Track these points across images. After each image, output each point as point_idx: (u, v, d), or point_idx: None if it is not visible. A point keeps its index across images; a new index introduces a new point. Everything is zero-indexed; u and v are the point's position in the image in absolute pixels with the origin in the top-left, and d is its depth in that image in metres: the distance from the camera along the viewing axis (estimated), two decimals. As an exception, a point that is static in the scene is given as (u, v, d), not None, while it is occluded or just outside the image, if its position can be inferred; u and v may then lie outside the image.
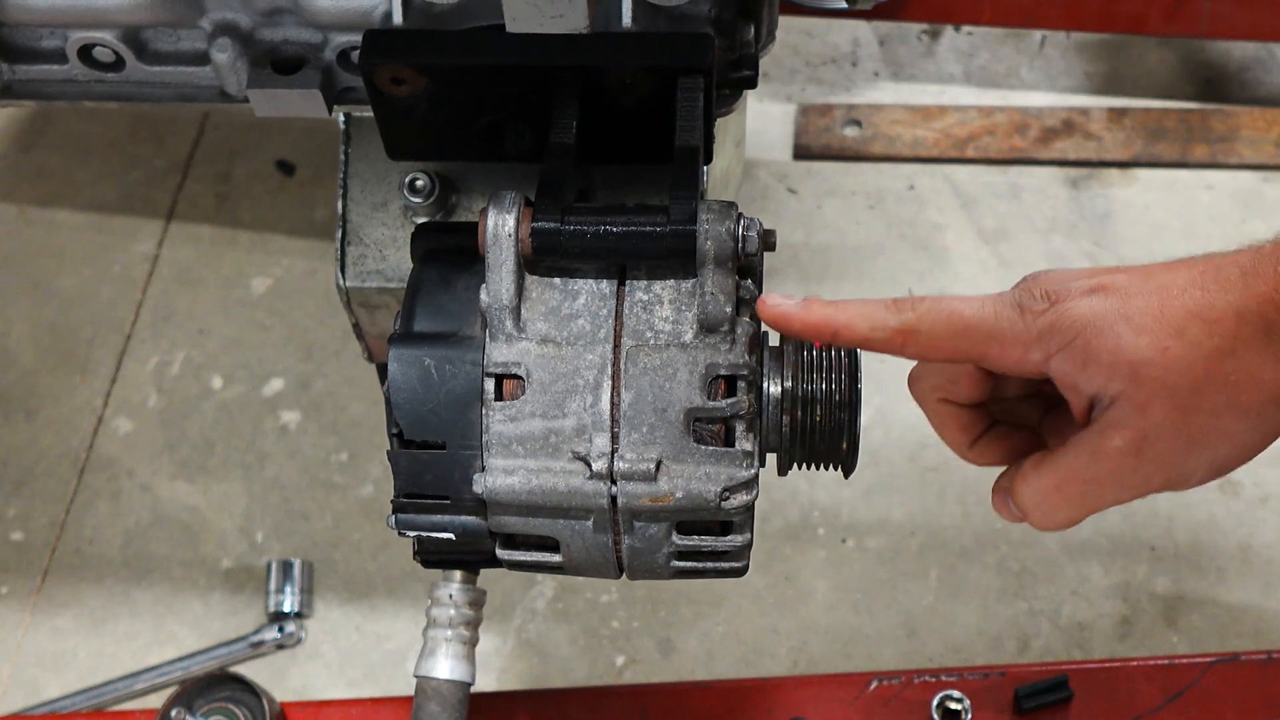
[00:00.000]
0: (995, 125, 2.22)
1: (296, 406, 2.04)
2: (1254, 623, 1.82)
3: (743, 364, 0.93)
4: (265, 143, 2.27)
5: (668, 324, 0.94)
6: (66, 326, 2.13)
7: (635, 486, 0.91)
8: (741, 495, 0.92)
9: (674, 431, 0.91)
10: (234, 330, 2.11)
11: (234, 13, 1.10)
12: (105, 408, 2.05)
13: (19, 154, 2.29)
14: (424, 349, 0.94)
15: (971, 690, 1.43)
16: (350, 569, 1.91)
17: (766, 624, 1.85)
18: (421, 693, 1.22)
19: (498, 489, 0.92)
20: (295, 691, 1.82)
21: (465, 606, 1.20)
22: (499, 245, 0.93)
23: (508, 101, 1.06)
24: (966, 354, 0.94)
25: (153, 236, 2.21)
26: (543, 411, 0.92)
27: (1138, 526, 1.89)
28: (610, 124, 1.05)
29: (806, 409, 0.98)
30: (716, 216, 0.93)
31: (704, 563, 0.97)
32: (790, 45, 2.37)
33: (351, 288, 1.24)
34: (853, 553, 1.89)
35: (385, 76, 1.03)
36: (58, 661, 1.87)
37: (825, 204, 2.18)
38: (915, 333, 0.93)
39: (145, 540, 1.94)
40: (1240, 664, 1.44)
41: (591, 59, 1.02)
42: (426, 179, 1.20)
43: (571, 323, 0.94)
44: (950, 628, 1.83)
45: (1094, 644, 1.81)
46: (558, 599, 1.87)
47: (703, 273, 0.92)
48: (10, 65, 1.15)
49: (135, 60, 1.13)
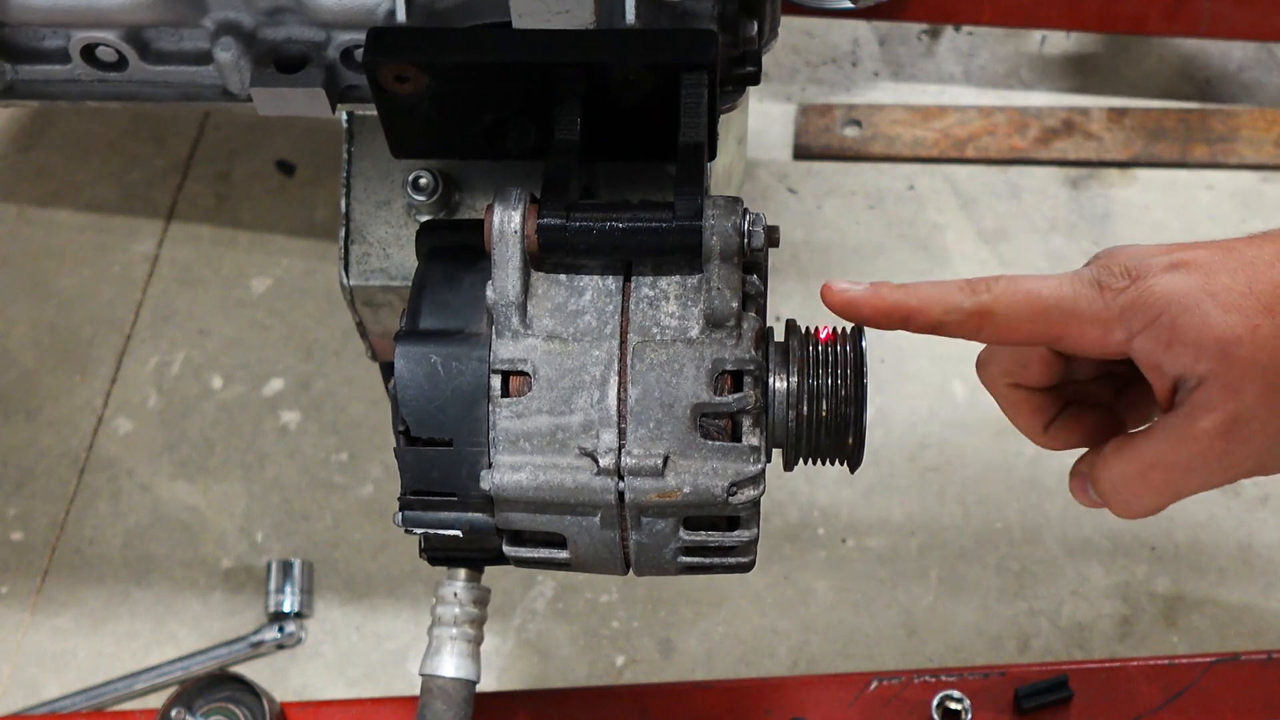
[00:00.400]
0: (995, 125, 2.22)
1: (296, 406, 2.04)
2: (1254, 623, 1.82)
3: (749, 359, 0.93)
4: (265, 143, 2.27)
5: (674, 319, 0.94)
6: (66, 326, 2.12)
7: (642, 482, 0.91)
8: (749, 490, 0.92)
9: (681, 427, 0.92)
10: (234, 330, 2.11)
11: (237, 12, 1.10)
12: (105, 408, 2.05)
13: (19, 154, 2.28)
14: (430, 346, 0.94)
15: (971, 690, 1.43)
16: (350, 569, 1.91)
17: (766, 624, 1.85)
18: (427, 691, 1.22)
19: (505, 485, 0.92)
20: (295, 691, 1.82)
21: (470, 604, 1.20)
22: (505, 242, 0.93)
23: (511, 99, 1.06)
24: (1044, 336, 0.91)
25: (153, 236, 2.20)
26: (549, 408, 0.92)
27: (1138, 526, 1.89)
28: (614, 121, 1.05)
29: (813, 404, 0.98)
30: (722, 212, 0.93)
31: (711, 558, 0.97)
32: (790, 45, 2.37)
33: (355, 286, 1.24)
34: (853, 553, 1.89)
35: (389, 75, 1.03)
36: (58, 661, 1.86)
37: (825, 204, 2.19)
38: (991, 315, 0.90)
39: (145, 540, 1.94)
40: (1240, 664, 1.44)
41: (595, 56, 1.02)
42: (430, 177, 1.20)
43: (578, 319, 0.94)
44: (950, 628, 1.83)
45: (1094, 644, 1.81)
46: (558, 599, 1.87)
47: (708, 268, 0.92)
48: (13, 65, 1.15)
49: (138, 60, 1.13)
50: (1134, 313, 0.88)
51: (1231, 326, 0.85)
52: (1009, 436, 1.06)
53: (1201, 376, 0.87)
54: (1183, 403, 0.88)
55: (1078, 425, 1.00)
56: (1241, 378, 0.86)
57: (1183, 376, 0.88)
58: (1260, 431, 0.88)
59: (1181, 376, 0.88)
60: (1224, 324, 0.85)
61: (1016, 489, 1.93)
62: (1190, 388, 0.88)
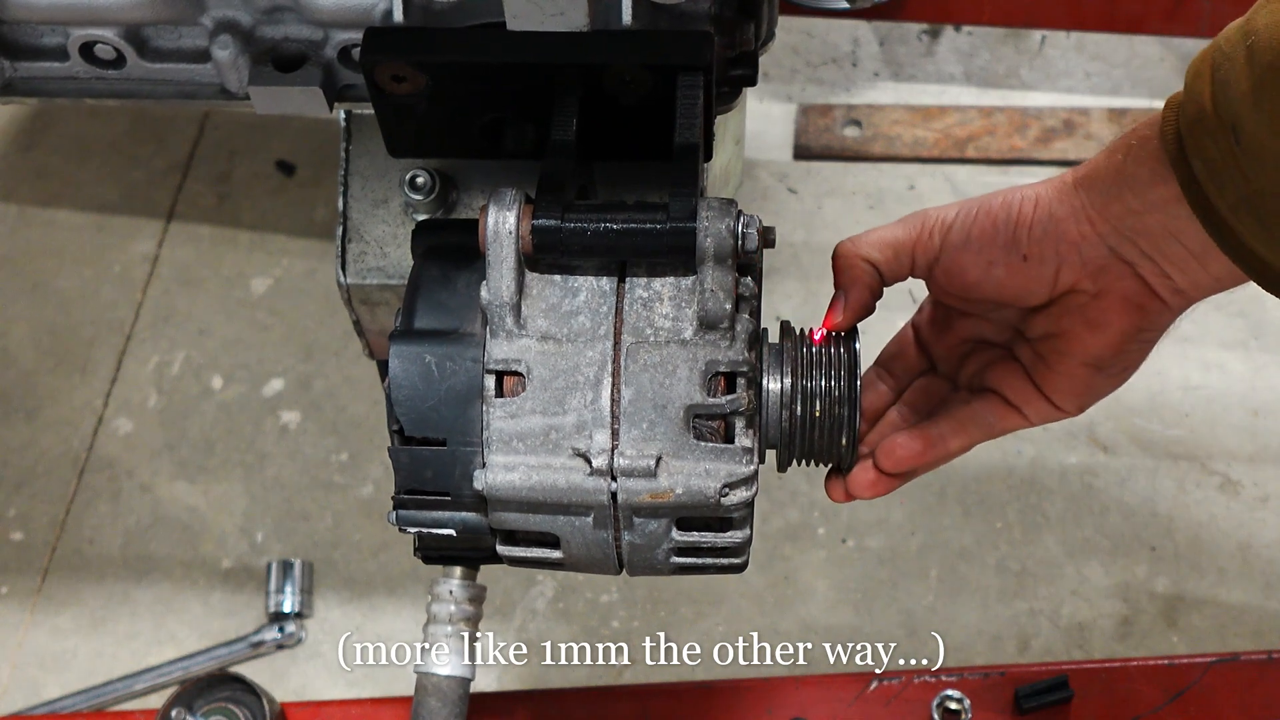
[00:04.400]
0: (995, 125, 2.22)
1: (296, 406, 2.04)
2: (1254, 623, 1.82)
3: (742, 360, 0.93)
4: (265, 143, 2.28)
5: (668, 321, 0.93)
6: (66, 326, 2.13)
7: (635, 483, 0.91)
8: (741, 491, 0.92)
9: (674, 428, 0.91)
10: (234, 330, 2.11)
11: (235, 10, 1.10)
12: (105, 408, 2.05)
13: (19, 154, 2.29)
14: (425, 346, 0.94)
15: (971, 690, 1.43)
16: (350, 569, 1.91)
17: (766, 624, 1.85)
18: (422, 689, 1.22)
19: (498, 485, 0.92)
20: (295, 691, 1.82)
21: (466, 602, 1.20)
22: (500, 242, 0.93)
23: (508, 99, 1.06)
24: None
25: (153, 236, 2.21)
26: (543, 408, 0.92)
27: (1138, 526, 1.89)
28: (610, 121, 1.05)
29: (806, 405, 0.98)
30: (716, 214, 0.92)
31: (704, 559, 0.97)
32: (790, 45, 2.37)
33: (352, 285, 1.24)
34: (853, 553, 1.89)
35: (386, 74, 1.03)
36: (58, 661, 1.87)
37: (825, 204, 2.19)
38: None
39: (145, 540, 1.94)
40: (1240, 664, 1.44)
41: (592, 57, 1.02)
42: (427, 176, 1.20)
43: (572, 319, 0.94)
44: (950, 628, 1.83)
45: (1094, 644, 1.81)
46: (558, 599, 1.87)
47: (702, 270, 0.92)
48: (12, 62, 1.15)
49: (137, 57, 1.13)
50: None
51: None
52: (1009, 437, 1.08)
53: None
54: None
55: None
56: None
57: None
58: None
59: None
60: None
61: (1016, 489, 1.92)
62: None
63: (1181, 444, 1.94)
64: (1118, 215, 0.97)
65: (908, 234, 1.04)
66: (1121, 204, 0.96)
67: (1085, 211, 0.98)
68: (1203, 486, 1.92)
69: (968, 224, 1.01)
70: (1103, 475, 1.92)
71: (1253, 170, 0.88)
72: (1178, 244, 0.95)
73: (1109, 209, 0.97)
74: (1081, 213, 0.98)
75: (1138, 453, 1.94)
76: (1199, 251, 0.95)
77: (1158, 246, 0.96)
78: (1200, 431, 1.95)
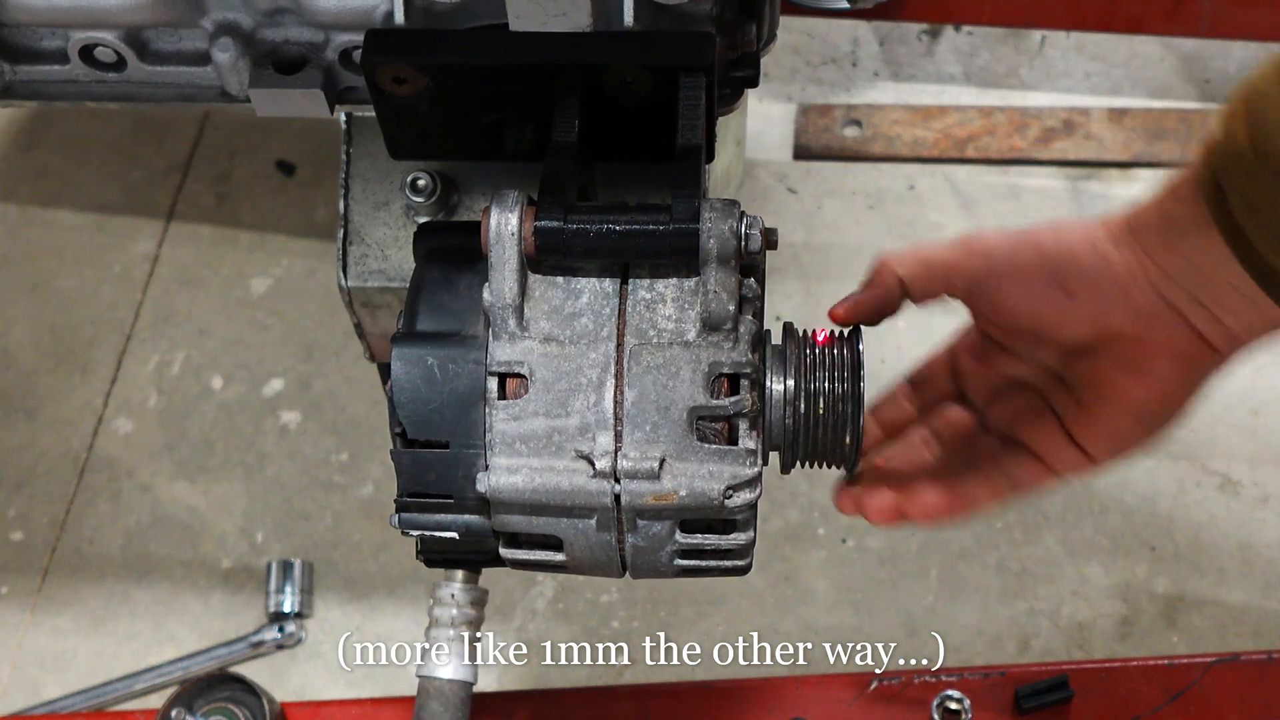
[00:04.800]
0: (995, 125, 2.22)
1: (296, 406, 2.04)
2: (1254, 623, 1.82)
3: (746, 362, 0.93)
4: (265, 143, 2.27)
5: (671, 322, 0.93)
6: (66, 326, 2.12)
7: (638, 485, 0.91)
8: (745, 493, 0.92)
9: (677, 430, 0.91)
10: (234, 330, 2.11)
11: (235, 12, 1.10)
12: (105, 408, 2.05)
13: (19, 154, 2.29)
14: (427, 348, 0.94)
15: (971, 690, 1.43)
16: (350, 569, 1.91)
17: (766, 624, 1.85)
18: (424, 692, 1.22)
19: (501, 488, 0.92)
20: (295, 691, 1.82)
21: (468, 606, 1.20)
22: (502, 244, 0.93)
23: (509, 100, 1.06)
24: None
25: (153, 236, 2.21)
26: (546, 410, 0.92)
27: (1138, 526, 1.89)
28: (612, 123, 1.05)
29: (809, 407, 0.98)
30: (719, 215, 0.92)
31: (707, 561, 0.97)
32: (790, 45, 2.37)
33: (353, 287, 1.24)
34: (853, 553, 1.89)
35: (387, 76, 1.03)
36: (58, 661, 1.87)
37: (825, 204, 2.19)
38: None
39: (145, 540, 1.94)
40: (1240, 664, 1.44)
41: (593, 58, 1.02)
42: (428, 178, 1.20)
43: (574, 321, 0.94)
44: (950, 628, 1.83)
45: (1094, 644, 1.81)
46: (558, 599, 1.87)
47: (705, 271, 0.92)
48: (11, 65, 1.15)
49: (137, 60, 1.13)
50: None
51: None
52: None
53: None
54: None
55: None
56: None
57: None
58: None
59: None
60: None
61: (1016, 489, 1.92)
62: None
63: (1181, 443, 1.94)
64: (1164, 259, 0.96)
65: (949, 254, 1.03)
66: (1168, 248, 0.95)
67: (1135, 254, 0.97)
68: (1203, 486, 1.92)
69: (1013, 252, 1.00)
70: (1102, 475, 1.92)
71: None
72: (1228, 286, 0.94)
73: (1156, 253, 0.96)
74: (1131, 256, 0.97)
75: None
76: (1250, 293, 0.94)
77: (1208, 290, 0.95)
78: (1200, 431, 1.95)
